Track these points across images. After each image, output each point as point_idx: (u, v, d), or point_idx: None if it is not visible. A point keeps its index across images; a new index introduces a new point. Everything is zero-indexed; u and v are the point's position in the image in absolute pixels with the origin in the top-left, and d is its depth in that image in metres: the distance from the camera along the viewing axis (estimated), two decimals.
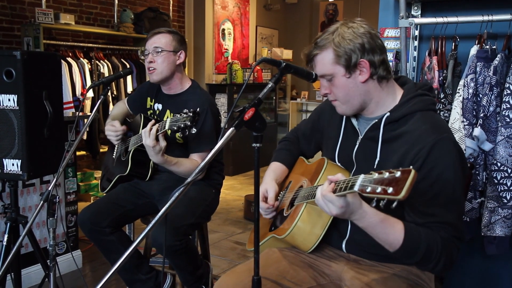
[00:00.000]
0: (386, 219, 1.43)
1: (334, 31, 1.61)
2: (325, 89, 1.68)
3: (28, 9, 5.18)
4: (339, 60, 1.59)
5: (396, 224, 1.45)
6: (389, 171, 1.20)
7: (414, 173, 1.16)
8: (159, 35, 2.53)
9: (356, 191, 1.26)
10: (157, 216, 1.40)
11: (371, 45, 1.59)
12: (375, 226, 1.43)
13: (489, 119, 2.30)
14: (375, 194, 1.20)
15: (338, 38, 1.59)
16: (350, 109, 1.68)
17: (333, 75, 1.62)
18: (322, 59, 1.62)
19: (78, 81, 5.19)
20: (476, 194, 2.39)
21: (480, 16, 2.35)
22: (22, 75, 2.09)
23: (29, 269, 3.15)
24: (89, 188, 5.53)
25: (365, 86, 1.62)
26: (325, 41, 1.61)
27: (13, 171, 2.16)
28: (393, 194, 1.16)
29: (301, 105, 8.51)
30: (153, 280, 2.57)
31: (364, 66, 1.59)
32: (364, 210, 1.39)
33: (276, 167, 2.00)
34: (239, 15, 7.87)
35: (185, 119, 2.06)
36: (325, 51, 1.61)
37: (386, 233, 1.44)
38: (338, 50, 1.58)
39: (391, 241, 1.45)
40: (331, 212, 1.38)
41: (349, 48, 1.58)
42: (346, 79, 1.61)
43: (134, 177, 2.61)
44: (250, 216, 4.94)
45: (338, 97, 1.66)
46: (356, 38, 1.58)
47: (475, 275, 2.68)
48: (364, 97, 1.64)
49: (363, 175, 1.27)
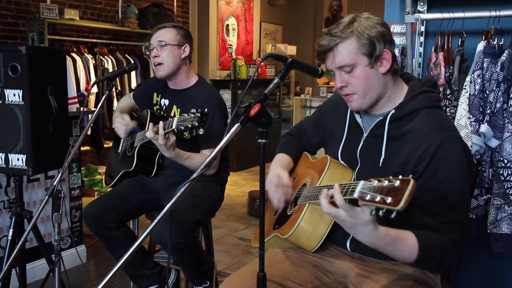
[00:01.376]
0: (398, 237, 1.38)
1: (352, 21, 1.55)
2: (342, 82, 1.59)
3: (32, 5, 5.18)
4: (363, 49, 1.53)
5: (409, 237, 1.41)
6: (389, 179, 1.18)
7: (413, 183, 1.14)
8: (164, 29, 2.52)
9: (355, 197, 1.24)
10: (162, 213, 1.40)
11: (390, 36, 1.56)
12: (388, 246, 1.38)
13: (496, 115, 2.28)
14: (374, 202, 1.19)
15: (360, 27, 1.53)
16: (367, 103, 1.62)
17: (355, 65, 1.55)
18: (344, 49, 1.54)
19: (82, 76, 5.19)
20: (482, 191, 2.38)
21: (487, 12, 2.33)
22: (27, 70, 2.09)
23: (34, 263, 3.16)
24: (93, 183, 5.54)
25: (384, 78, 1.59)
26: (345, 29, 1.53)
27: (18, 166, 2.17)
28: (392, 204, 1.14)
29: (305, 101, 8.49)
30: (158, 275, 2.57)
31: (386, 57, 1.56)
32: (376, 229, 1.32)
33: (281, 157, 1.95)
34: (243, 10, 7.85)
35: (193, 120, 2.05)
36: (348, 39, 1.53)
37: (399, 251, 1.41)
38: (362, 38, 1.52)
39: (406, 257, 1.42)
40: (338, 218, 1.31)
41: (373, 36, 1.53)
42: (369, 70, 1.56)
43: (140, 173, 2.61)
44: (254, 212, 4.94)
45: (357, 90, 1.59)
46: (377, 27, 1.54)
47: (481, 272, 2.67)
48: (382, 90, 1.60)
49: (363, 181, 1.24)
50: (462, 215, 1.50)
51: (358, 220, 1.29)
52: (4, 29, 4.99)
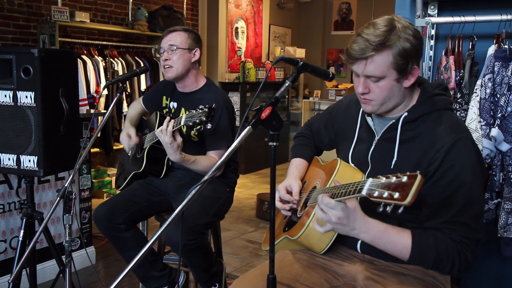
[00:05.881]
0: (390, 227, 1.47)
1: (391, 28, 1.50)
2: (365, 89, 1.57)
3: (44, 7, 5.23)
4: (396, 65, 1.50)
5: (402, 232, 1.48)
6: (396, 176, 1.20)
7: (420, 178, 1.16)
8: (174, 33, 2.54)
9: (364, 195, 1.26)
10: (172, 215, 1.40)
11: (421, 49, 1.55)
12: (381, 236, 1.45)
13: (507, 119, 2.27)
14: (382, 199, 1.21)
15: (399, 41, 1.49)
16: (382, 110, 1.62)
17: (384, 78, 1.53)
18: (379, 61, 1.51)
19: (93, 78, 5.22)
20: (493, 195, 2.36)
21: (499, 15, 2.32)
22: (39, 73, 2.11)
23: (44, 264, 3.18)
24: (102, 185, 5.56)
25: (405, 91, 1.59)
26: (384, 41, 1.48)
27: (29, 167, 2.18)
28: (399, 199, 1.16)
29: (314, 104, 8.47)
30: (167, 277, 2.58)
31: (414, 73, 1.55)
32: (367, 221, 1.43)
33: (298, 163, 1.97)
34: (252, 13, 7.86)
35: (201, 115, 2.06)
36: (385, 52, 1.49)
37: (393, 242, 1.47)
38: (399, 53, 1.49)
39: (400, 249, 1.48)
40: (331, 219, 1.39)
41: (409, 52, 1.50)
42: (395, 83, 1.55)
43: (149, 174, 2.62)
44: (262, 214, 4.94)
45: (377, 98, 1.58)
46: (413, 41, 1.50)
47: (491, 277, 2.65)
48: (399, 101, 1.61)
49: (371, 179, 1.27)
50: (468, 217, 1.49)
51: (347, 211, 1.38)
52: (16, 32, 5.04)
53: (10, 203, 2.99)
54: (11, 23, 4.99)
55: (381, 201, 1.22)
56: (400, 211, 1.19)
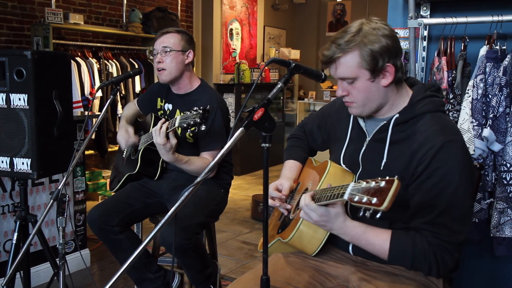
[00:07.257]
0: (369, 230, 1.52)
1: (358, 31, 1.52)
2: (343, 91, 1.61)
3: (38, 9, 5.21)
4: (365, 63, 1.52)
5: (382, 234, 1.53)
6: (375, 181, 1.22)
7: (397, 183, 1.17)
8: (168, 34, 2.54)
9: (345, 199, 1.28)
10: (166, 216, 1.41)
11: (395, 48, 1.55)
12: (359, 238, 1.52)
13: (499, 119, 2.29)
14: (362, 203, 1.23)
15: (364, 40, 1.51)
16: (367, 111, 1.64)
17: (356, 79, 1.56)
18: (346, 62, 1.54)
19: (87, 80, 5.22)
20: (485, 195, 2.38)
21: (490, 17, 2.34)
22: (32, 75, 2.11)
23: (38, 267, 3.17)
24: (97, 187, 5.56)
25: (385, 90, 1.59)
26: (349, 42, 1.51)
27: (23, 170, 2.18)
28: (377, 205, 1.18)
29: (309, 105, 8.49)
30: (162, 279, 2.58)
31: (389, 70, 1.55)
32: (346, 224, 1.49)
33: (291, 165, 1.98)
34: (247, 15, 7.87)
35: (195, 116, 2.07)
36: (350, 53, 1.52)
37: (371, 244, 1.53)
38: (364, 53, 1.51)
39: (378, 250, 1.54)
40: (310, 220, 1.48)
41: (376, 51, 1.51)
42: (370, 83, 1.56)
43: (144, 176, 2.62)
44: (258, 215, 4.94)
45: (357, 100, 1.60)
46: (382, 41, 1.51)
47: (484, 276, 2.67)
48: (382, 101, 1.61)
49: (353, 183, 1.29)
50: (450, 219, 1.49)
51: (325, 217, 1.47)
52: (9, 34, 5.02)
53: (4, 205, 2.98)
54: (5, 25, 4.98)
55: (361, 206, 1.23)
56: (378, 216, 1.20)
